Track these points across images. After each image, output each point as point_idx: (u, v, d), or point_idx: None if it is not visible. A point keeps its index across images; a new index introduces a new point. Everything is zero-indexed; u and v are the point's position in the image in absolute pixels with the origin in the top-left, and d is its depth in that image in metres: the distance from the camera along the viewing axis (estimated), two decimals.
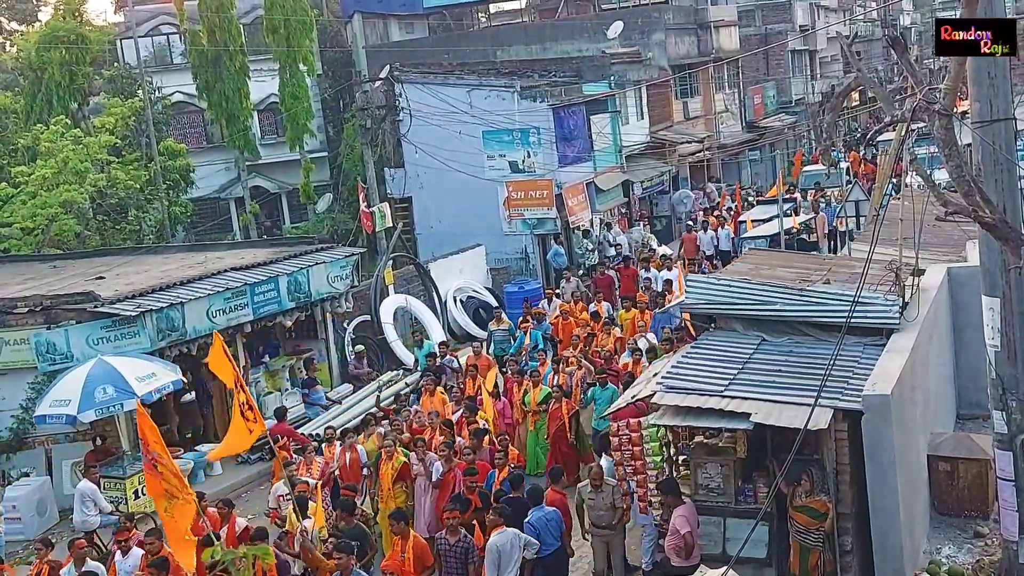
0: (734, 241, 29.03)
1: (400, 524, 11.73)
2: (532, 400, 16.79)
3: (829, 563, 11.30)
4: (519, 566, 11.72)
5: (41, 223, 25.39)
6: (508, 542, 11.57)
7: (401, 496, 14.02)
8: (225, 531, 12.57)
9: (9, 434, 17.75)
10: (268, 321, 20.62)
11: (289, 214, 37.48)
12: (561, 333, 21.71)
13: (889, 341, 12.33)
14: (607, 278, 26.00)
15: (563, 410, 16.33)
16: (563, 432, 16.26)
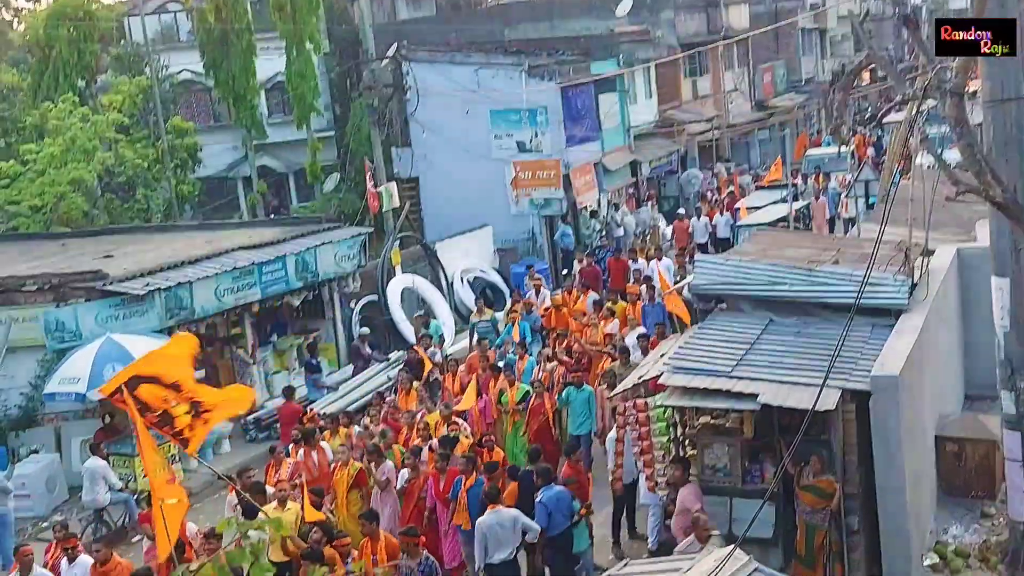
0: (733, 228, 27.64)
1: (371, 525, 11.56)
2: (510, 399, 15.85)
3: (835, 543, 11.33)
4: (514, 549, 11.73)
5: (49, 201, 25.43)
6: (499, 523, 11.60)
7: (356, 504, 13.30)
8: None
9: (18, 412, 17.82)
10: (276, 300, 20.65)
11: (296, 194, 37.45)
12: (556, 325, 20.69)
13: (898, 322, 12.30)
14: (594, 270, 24.98)
15: (546, 405, 15.50)
16: (547, 428, 15.45)
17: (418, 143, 29.98)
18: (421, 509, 13.26)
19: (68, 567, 11.85)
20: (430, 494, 13.16)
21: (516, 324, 20.34)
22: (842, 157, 33.40)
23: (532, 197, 29.19)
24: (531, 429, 15.51)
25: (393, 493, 13.33)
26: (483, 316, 21.71)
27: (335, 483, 13.62)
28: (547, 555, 12.31)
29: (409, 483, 13.31)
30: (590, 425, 15.33)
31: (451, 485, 12.85)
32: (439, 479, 13.01)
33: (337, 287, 22.33)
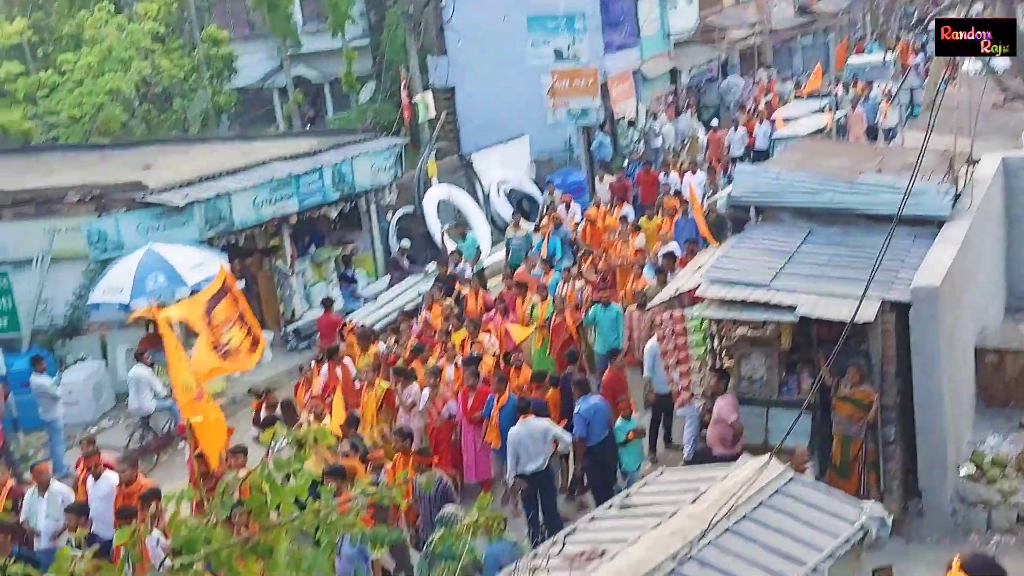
0: (771, 139, 26.34)
1: (403, 442, 11.70)
2: (540, 315, 15.68)
3: (871, 453, 11.40)
4: (547, 458, 11.88)
5: (88, 111, 25.49)
6: (530, 435, 11.73)
7: (384, 424, 13.44)
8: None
9: (64, 321, 18.14)
10: (313, 212, 20.71)
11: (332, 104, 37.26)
12: (590, 241, 20.44)
13: (940, 232, 12.16)
14: (623, 184, 24.50)
15: (568, 322, 15.27)
16: (570, 346, 15.03)
17: (454, 51, 29.61)
18: (445, 427, 13.31)
19: (94, 483, 11.87)
20: (458, 411, 13.23)
21: (546, 239, 20.09)
22: (885, 65, 32.61)
23: (569, 107, 28.84)
24: (554, 347, 15.27)
25: (419, 414, 13.36)
26: (518, 231, 21.50)
27: (363, 404, 13.69)
28: (586, 465, 12.49)
29: (430, 403, 13.29)
30: (617, 344, 15.02)
31: (480, 403, 12.91)
32: (468, 396, 13.09)
33: (374, 198, 22.33)
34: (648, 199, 23.27)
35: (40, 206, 17.95)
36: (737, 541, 7.39)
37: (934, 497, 11.40)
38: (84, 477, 12.12)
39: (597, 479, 12.45)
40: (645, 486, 8.85)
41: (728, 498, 7.58)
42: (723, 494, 7.77)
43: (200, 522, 3.70)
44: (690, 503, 7.88)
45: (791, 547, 7.38)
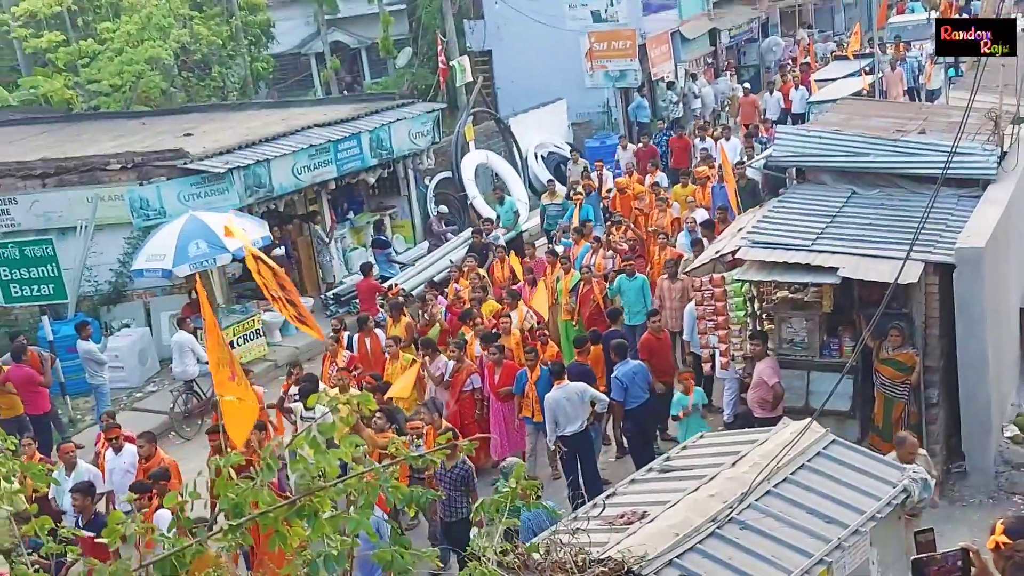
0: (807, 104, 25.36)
1: (432, 415, 11.58)
2: (564, 287, 15.50)
3: (914, 415, 11.33)
4: (585, 420, 11.89)
5: (128, 80, 25.67)
6: (567, 398, 11.77)
7: (412, 397, 13.30)
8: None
9: (109, 287, 18.40)
10: (352, 178, 20.79)
11: (369, 69, 37.24)
12: (621, 209, 19.76)
13: (985, 192, 12.01)
14: (650, 149, 23.53)
15: (595, 291, 15.06)
16: (599, 315, 14.75)
17: (491, 14, 29.44)
18: (468, 401, 13.20)
19: (115, 456, 11.87)
20: (486, 386, 13.10)
21: (579, 207, 19.62)
22: (928, 23, 31.73)
23: (607, 69, 28.61)
24: (583, 317, 15.14)
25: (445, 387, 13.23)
26: (554, 199, 21.12)
27: (388, 376, 13.58)
28: (626, 427, 12.54)
29: (454, 375, 13.15)
30: (642, 315, 14.40)
31: (508, 379, 12.78)
32: (494, 371, 12.94)
33: (411, 164, 22.36)
34: (681, 164, 22.73)
35: (83, 174, 18.17)
36: (778, 503, 7.39)
37: (977, 459, 11.33)
38: (105, 450, 12.12)
39: (637, 442, 12.48)
40: (685, 449, 8.86)
41: (769, 460, 7.57)
42: (763, 457, 7.76)
43: (247, 485, 3.76)
44: (730, 466, 7.89)
45: (832, 509, 7.37)
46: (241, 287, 19.60)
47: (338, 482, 3.90)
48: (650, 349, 13.02)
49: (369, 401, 4.14)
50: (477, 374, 13.26)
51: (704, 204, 18.74)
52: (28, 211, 18.22)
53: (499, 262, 17.33)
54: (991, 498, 11.13)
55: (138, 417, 16.03)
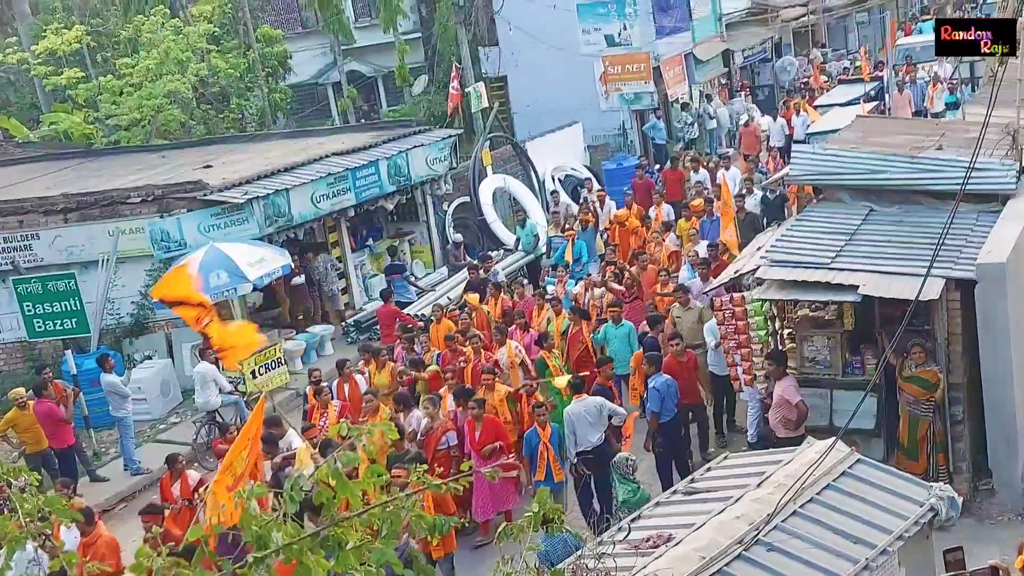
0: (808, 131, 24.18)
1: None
2: (556, 329, 14.97)
3: (939, 433, 11.24)
4: (603, 434, 11.85)
5: (147, 114, 25.92)
6: (586, 411, 11.79)
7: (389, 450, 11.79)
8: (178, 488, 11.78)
9: (130, 319, 18.51)
10: (370, 205, 20.90)
11: (386, 97, 37.50)
12: (619, 243, 19.17)
13: (1005, 208, 11.94)
14: (646, 182, 22.88)
15: (584, 332, 14.56)
16: (588, 357, 14.24)
17: (505, 41, 29.62)
18: (445, 460, 12.06)
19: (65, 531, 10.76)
20: (467, 443, 12.07)
21: (571, 243, 18.89)
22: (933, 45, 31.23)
23: (622, 92, 28.72)
24: (571, 359, 14.48)
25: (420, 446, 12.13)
26: (558, 230, 20.69)
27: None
28: (658, 441, 12.41)
29: (428, 433, 12.18)
30: (627, 365, 13.77)
31: (489, 435, 11.86)
32: (475, 428, 12.01)
33: (430, 190, 22.46)
34: (674, 197, 21.76)
35: (104, 208, 18.33)
36: (804, 524, 7.33)
37: (1005, 476, 11.22)
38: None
39: (667, 459, 12.40)
40: (709, 471, 8.82)
41: (794, 481, 7.52)
42: (789, 477, 7.72)
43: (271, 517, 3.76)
44: (755, 487, 7.84)
45: (859, 529, 7.31)
46: (261, 316, 19.70)
47: (363, 512, 3.89)
48: (672, 372, 12.87)
49: (391, 431, 4.14)
50: (453, 431, 12.27)
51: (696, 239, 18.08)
52: (50, 246, 18.38)
53: (492, 300, 16.67)
54: (1020, 516, 11.01)
55: (161, 449, 16.10)
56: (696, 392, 13.21)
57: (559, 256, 19.25)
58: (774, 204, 19.12)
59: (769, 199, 19.35)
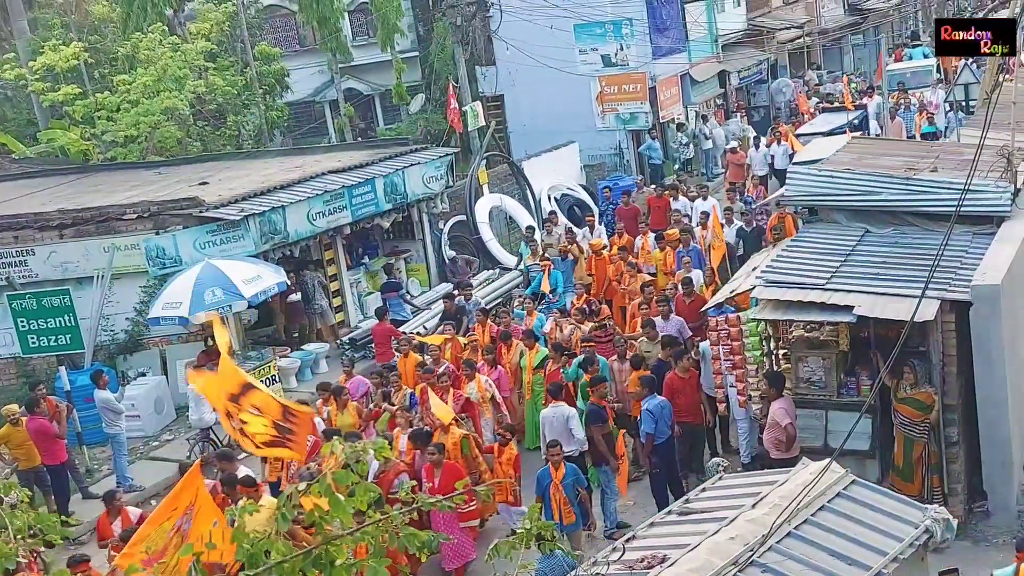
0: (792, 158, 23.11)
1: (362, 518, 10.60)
2: (528, 364, 14.52)
3: (934, 455, 11.23)
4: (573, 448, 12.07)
5: (144, 131, 25.94)
6: (555, 416, 12.31)
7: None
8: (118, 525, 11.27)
9: (125, 336, 18.46)
10: (366, 223, 20.89)
11: (383, 116, 37.58)
12: (596, 273, 18.64)
13: (999, 230, 11.97)
14: (632, 209, 22.15)
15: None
16: (569, 398, 13.55)
17: (502, 60, 29.71)
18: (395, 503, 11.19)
19: None
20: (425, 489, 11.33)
21: (547, 273, 18.30)
22: (926, 71, 31.09)
23: (618, 111, 28.82)
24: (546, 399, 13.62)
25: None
26: (537, 259, 19.71)
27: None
28: (653, 462, 12.44)
29: (380, 475, 11.50)
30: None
31: (449, 481, 11.10)
32: (433, 473, 11.54)
33: (426, 208, 22.48)
34: (659, 225, 20.76)
35: (100, 224, 18.31)
36: (799, 545, 7.31)
37: (1000, 498, 11.21)
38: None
39: (661, 480, 12.39)
40: (704, 492, 8.79)
41: (789, 502, 7.50)
42: (783, 498, 7.70)
43: (263, 535, 3.75)
44: (750, 508, 7.82)
45: (854, 551, 7.29)
46: (256, 334, 19.67)
47: (356, 530, 3.88)
48: (674, 389, 12.79)
49: (385, 449, 4.13)
50: (407, 473, 11.77)
51: (671, 268, 17.62)
52: (45, 262, 18.35)
53: (479, 326, 16.13)
54: (1015, 538, 10.96)
55: (155, 466, 16.05)
56: (698, 411, 13.07)
57: (536, 286, 18.59)
58: (751, 236, 18.80)
59: (746, 231, 19.03)
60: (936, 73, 31.29)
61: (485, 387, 13.84)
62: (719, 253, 17.17)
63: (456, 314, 17.60)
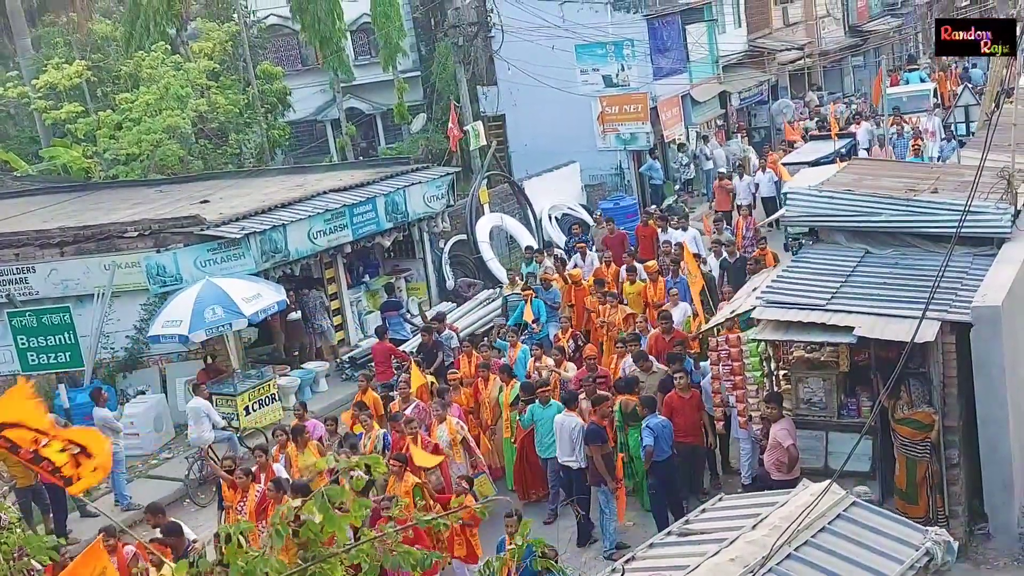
0: (778, 185, 23.34)
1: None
2: (505, 399, 13.92)
3: (936, 475, 11.18)
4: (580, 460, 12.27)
5: (146, 149, 26.00)
6: (564, 425, 12.48)
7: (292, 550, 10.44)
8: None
9: (125, 354, 18.44)
10: (367, 241, 20.91)
11: (384, 135, 37.68)
12: (575, 304, 18.20)
13: (1000, 251, 11.97)
14: (619, 236, 21.40)
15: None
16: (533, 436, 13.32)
17: (504, 81, 29.81)
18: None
19: None
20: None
21: (529, 303, 17.67)
22: (923, 96, 30.99)
23: (619, 132, 28.89)
24: (518, 436, 13.55)
25: None
26: (515, 288, 19.14)
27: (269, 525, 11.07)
28: (650, 484, 12.38)
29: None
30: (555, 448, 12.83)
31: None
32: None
33: (427, 227, 22.50)
34: (647, 255, 20.00)
35: (101, 242, 18.32)
36: (799, 567, 7.26)
37: (1001, 520, 11.16)
38: None
39: (660, 499, 12.34)
40: (704, 512, 8.75)
41: (789, 523, 7.46)
42: (784, 519, 7.66)
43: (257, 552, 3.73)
44: (750, 529, 7.78)
45: (855, 572, 7.24)
46: (256, 352, 19.64)
47: (350, 548, 3.86)
48: (673, 408, 12.73)
49: (378, 463, 4.11)
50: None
51: (658, 301, 17.10)
52: (46, 279, 18.35)
53: (465, 357, 15.53)
54: (1016, 560, 10.94)
55: (154, 484, 15.99)
56: (698, 431, 12.99)
57: (517, 317, 17.87)
58: (735, 268, 18.21)
59: (729, 262, 18.50)
60: (933, 97, 31.20)
61: (456, 429, 13.06)
62: (696, 288, 16.62)
63: (433, 347, 17.01)
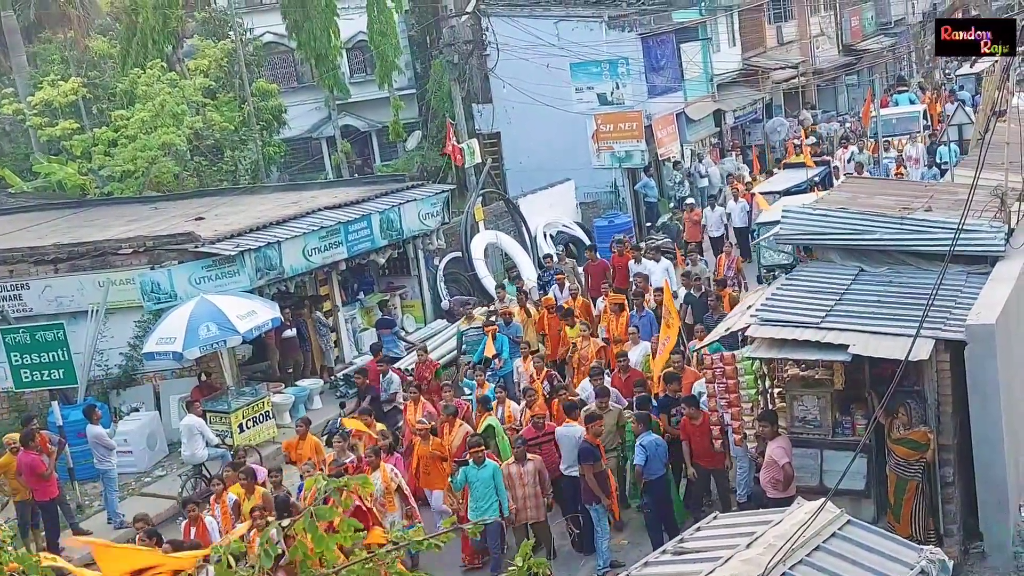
0: (751, 215, 23.56)
1: None
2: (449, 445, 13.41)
3: (925, 496, 11.16)
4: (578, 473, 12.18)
5: (141, 166, 26.01)
6: (567, 435, 12.57)
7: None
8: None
9: (118, 371, 18.39)
10: (362, 259, 20.91)
11: (379, 152, 37.76)
12: (548, 331, 17.79)
13: (994, 269, 12.00)
14: (600, 264, 21.14)
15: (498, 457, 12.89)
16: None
17: (499, 98, 29.88)
18: None
19: None
20: None
21: (492, 338, 16.93)
22: (912, 118, 30.97)
23: (614, 150, 28.93)
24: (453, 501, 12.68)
25: None
26: (473, 323, 18.36)
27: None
28: (644, 500, 12.39)
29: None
30: (495, 510, 12.03)
31: None
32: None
33: (421, 244, 22.51)
34: (624, 285, 19.68)
35: (95, 259, 18.30)
36: None
37: (996, 539, 11.13)
38: None
39: (654, 518, 12.32)
40: (699, 531, 8.72)
41: (784, 542, 7.44)
42: (778, 538, 7.63)
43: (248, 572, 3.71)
44: (745, 547, 7.75)
45: None
46: (251, 369, 19.60)
47: (342, 568, 3.84)
48: (686, 435, 12.80)
49: (367, 484, 4.10)
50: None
51: (619, 335, 16.64)
52: (40, 296, 18.32)
53: (412, 402, 14.74)
54: None
55: (146, 503, 15.91)
56: (710, 454, 12.79)
57: (479, 354, 17.07)
58: (699, 302, 17.69)
59: (693, 296, 18.00)
60: (923, 119, 31.08)
61: (391, 476, 12.34)
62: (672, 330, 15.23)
63: (364, 391, 16.32)
